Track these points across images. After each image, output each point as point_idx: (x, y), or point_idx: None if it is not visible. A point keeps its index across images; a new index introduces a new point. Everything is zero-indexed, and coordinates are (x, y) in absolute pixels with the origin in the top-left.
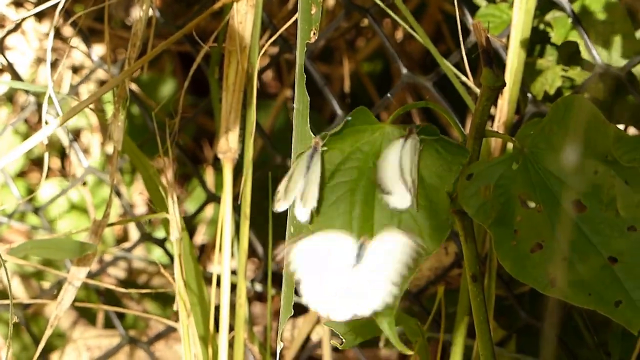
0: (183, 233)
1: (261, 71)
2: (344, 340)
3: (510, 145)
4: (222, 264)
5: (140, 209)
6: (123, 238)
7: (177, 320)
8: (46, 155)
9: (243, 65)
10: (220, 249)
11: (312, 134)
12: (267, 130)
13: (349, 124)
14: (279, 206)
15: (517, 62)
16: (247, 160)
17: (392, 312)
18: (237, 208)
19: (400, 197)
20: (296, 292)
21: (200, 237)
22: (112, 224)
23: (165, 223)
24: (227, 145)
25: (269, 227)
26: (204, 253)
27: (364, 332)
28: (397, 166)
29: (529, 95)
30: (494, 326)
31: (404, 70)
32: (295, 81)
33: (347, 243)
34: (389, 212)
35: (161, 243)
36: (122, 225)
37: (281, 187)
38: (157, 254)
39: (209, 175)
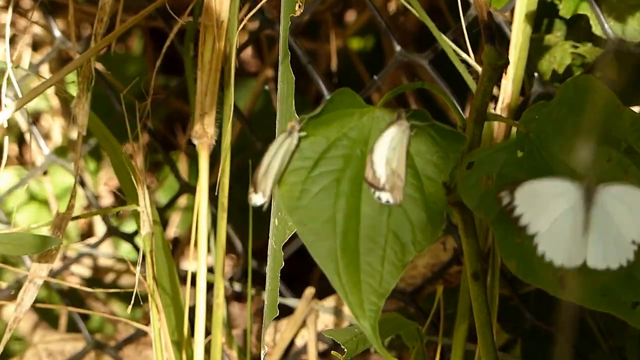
0: (155, 227)
1: (240, 48)
2: (345, 349)
3: (514, 130)
4: (198, 261)
5: (106, 200)
6: (88, 232)
7: (147, 323)
8: (6, 140)
9: (220, 42)
10: (195, 245)
11: (297, 116)
12: (247, 113)
13: (329, 106)
14: (254, 199)
15: (522, 38)
16: (225, 147)
17: (376, 314)
18: (213, 199)
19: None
20: (279, 293)
21: (173, 231)
22: (76, 217)
23: (135, 216)
24: (203, 130)
25: (249, 220)
26: (177, 248)
27: (366, 340)
28: (385, 155)
29: (536, 74)
30: (497, 329)
31: (397, 47)
32: (278, 59)
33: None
34: (377, 205)
35: (130, 238)
36: (87, 219)
37: (255, 179)
38: (126, 249)
39: (183, 163)
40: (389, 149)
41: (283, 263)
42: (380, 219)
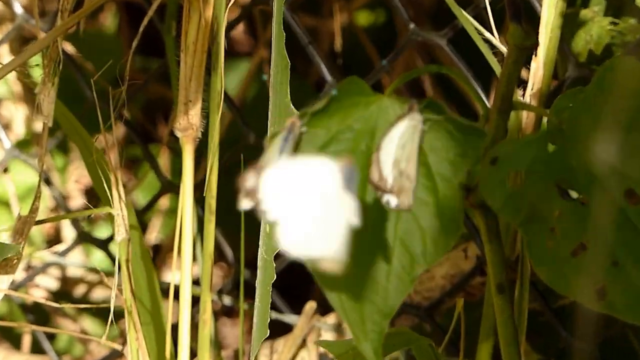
0: (132, 232)
1: (230, 26)
2: None
3: (545, 120)
4: (182, 271)
5: (77, 201)
6: (55, 238)
7: (124, 342)
8: None
9: (207, 18)
10: (179, 252)
11: (292, 107)
12: (238, 100)
13: (335, 99)
14: (244, 204)
15: (554, 14)
16: (213, 140)
17: (379, 335)
18: (200, 200)
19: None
20: (274, 308)
21: (154, 236)
22: (41, 221)
23: (110, 219)
24: (187, 120)
25: (240, 225)
26: (158, 257)
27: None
28: (393, 154)
29: (570, 55)
30: (526, 349)
31: (411, 25)
32: (272, 39)
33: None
34: (383, 210)
35: (104, 245)
36: (54, 223)
37: (247, 180)
38: (99, 258)
39: (164, 158)
40: (397, 147)
41: (275, 275)
42: (387, 225)
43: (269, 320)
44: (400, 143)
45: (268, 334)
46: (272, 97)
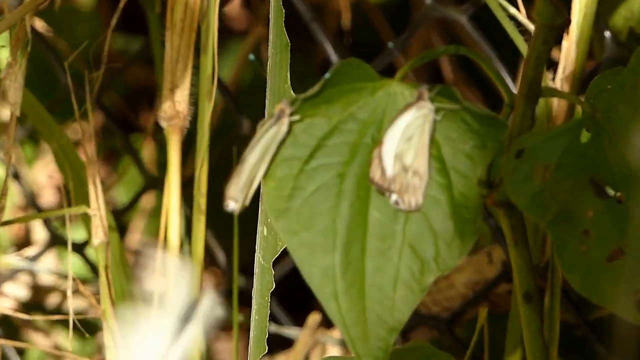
0: (111, 235)
1: (223, 1)
2: None
3: (579, 108)
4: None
5: (49, 198)
6: (24, 241)
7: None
8: None
9: None
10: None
11: (293, 94)
12: (232, 85)
13: (331, 82)
14: (232, 206)
15: None
16: (203, 130)
17: (384, 352)
18: (188, 198)
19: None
20: (273, 319)
21: (136, 238)
22: (8, 222)
23: (86, 220)
24: (174, 108)
25: (234, 226)
26: (138, 262)
27: None
28: (394, 147)
29: (607, 33)
30: None
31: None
32: (270, 15)
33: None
34: (390, 210)
35: (79, 249)
36: (24, 224)
37: (234, 177)
38: (74, 264)
39: (148, 151)
40: (402, 140)
41: (274, 284)
42: (394, 227)
43: (267, 334)
44: (406, 135)
45: (266, 350)
46: (270, 81)
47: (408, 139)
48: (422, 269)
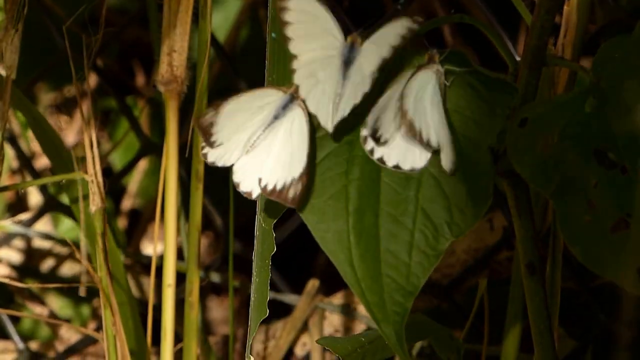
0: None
1: None
2: None
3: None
4: (165, 246)
5: (43, 160)
6: (18, 205)
7: (99, 327)
8: None
9: None
10: (161, 222)
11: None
12: (228, 46)
13: None
14: (210, 153)
15: None
16: (201, 96)
17: (402, 317)
18: (184, 161)
19: (416, 153)
20: (271, 286)
21: (130, 203)
22: (3, 189)
23: (73, 188)
24: (171, 72)
25: (230, 188)
26: (136, 227)
27: (373, 351)
28: (412, 109)
29: None
30: (560, 334)
31: None
32: None
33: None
34: (402, 175)
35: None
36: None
37: (203, 122)
38: (67, 227)
39: (144, 116)
40: (415, 99)
41: (275, 247)
42: (407, 193)
43: (267, 298)
44: (419, 96)
45: (267, 314)
46: (270, 43)
47: (426, 98)
48: (436, 235)
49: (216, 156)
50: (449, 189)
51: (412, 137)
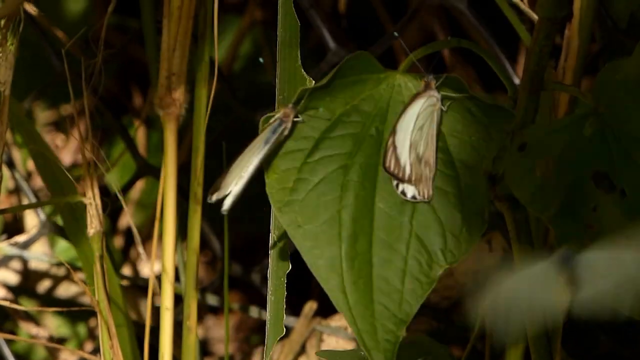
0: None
1: None
2: None
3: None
4: (163, 268)
5: (41, 182)
6: (14, 226)
7: (96, 348)
8: None
9: None
10: (159, 244)
11: (304, 73)
12: (226, 66)
13: (340, 75)
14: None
15: None
16: (199, 120)
17: (393, 346)
18: (181, 183)
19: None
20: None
21: (127, 221)
22: (1, 212)
23: (67, 210)
24: (169, 96)
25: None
26: (133, 246)
27: None
28: (410, 137)
29: (609, 22)
30: (562, 356)
31: None
32: None
33: None
34: (397, 201)
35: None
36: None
37: (218, 182)
38: (64, 248)
39: (141, 137)
40: (414, 129)
41: (290, 265)
42: (401, 219)
43: (284, 317)
44: (418, 125)
45: (284, 333)
46: (281, 62)
47: (420, 128)
48: (429, 261)
49: (217, 195)
50: (444, 215)
51: (394, 174)
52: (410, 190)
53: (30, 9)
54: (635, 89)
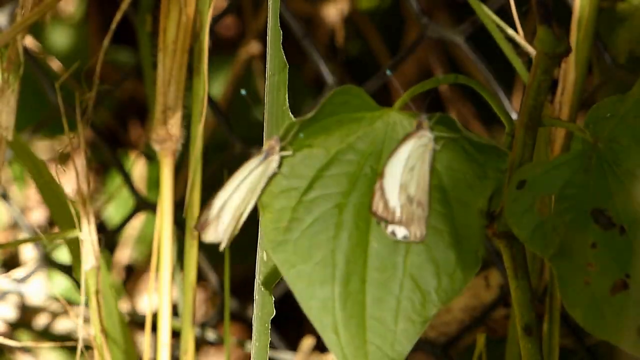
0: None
1: (215, 19)
2: None
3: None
4: (160, 304)
5: (39, 213)
6: (11, 260)
7: None
8: None
9: (188, 14)
10: (156, 280)
11: (292, 116)
12: (223, 102)
13: (327, 109)
14: (206, 233)
15: (589, 8)
16: (195, 155)
17: None
18: (179, 217)
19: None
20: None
21: (125, 255)
22: None
23: (73, 243)
24: (166, 131)
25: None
26: (129, 280)
27: None
28: (400, 179)
29: (607, 57)
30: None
31: (424, 19)
32: (265, 26)
33: None
34: (390, 241)
35: (69, 270)
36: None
37: (202, 219)
38: (61, 284)
39: (139, 171)
40: (405, 170)
41: (274, 311)
42: (395, 259)
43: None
44: (409, 165)
45: None
46: (268, 103)
47: (411, 169)
48: (423, 301)
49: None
50: (438, 254)
51: (383, 217)
52: (400, 232)
53: (30, 42)
54: (635, 125)
